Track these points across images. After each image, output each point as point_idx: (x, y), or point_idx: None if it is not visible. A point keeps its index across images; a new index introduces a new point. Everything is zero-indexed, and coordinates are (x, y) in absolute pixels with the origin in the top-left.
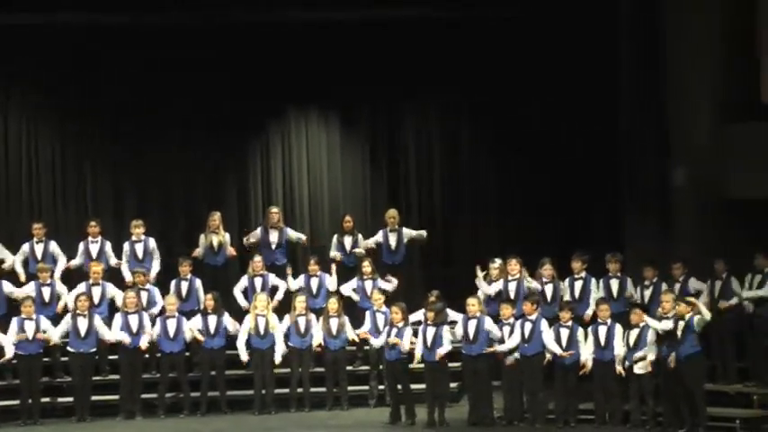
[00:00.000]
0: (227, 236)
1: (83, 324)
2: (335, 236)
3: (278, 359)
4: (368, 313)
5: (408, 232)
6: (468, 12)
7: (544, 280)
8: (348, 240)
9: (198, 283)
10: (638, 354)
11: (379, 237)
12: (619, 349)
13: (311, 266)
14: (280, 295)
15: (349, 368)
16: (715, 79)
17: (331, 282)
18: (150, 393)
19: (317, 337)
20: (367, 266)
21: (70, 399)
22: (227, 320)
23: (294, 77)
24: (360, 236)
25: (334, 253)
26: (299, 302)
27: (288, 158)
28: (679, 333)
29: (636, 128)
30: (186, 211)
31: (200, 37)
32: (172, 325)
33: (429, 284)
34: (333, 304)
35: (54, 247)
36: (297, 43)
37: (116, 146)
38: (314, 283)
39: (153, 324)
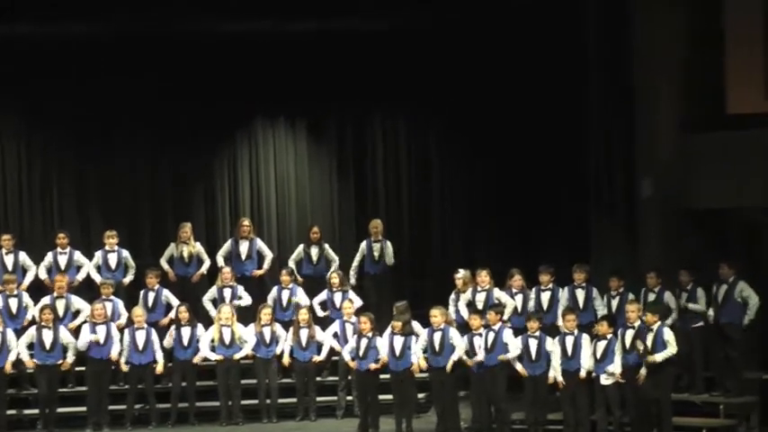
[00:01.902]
0: (198, 245)
1: (48, 336)
2: (301, 246)
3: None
4: (336, 322)
5: (388, 246)
6: (436, 21)
7: (513, 291)
8: (315, 251)
9: (165, 292)
10: (610, 368)
11: (362, 247)
12: (586, 360)
13: (283, 278)
14: (246, 301)
15: (317, 378)
16: (680, 90)
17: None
18: (118, 405)
19: (281, 348)
20: (335, 278)
21: (36, 411)
22: (202, 332)
23: (262, 88)
24: (326, 245)
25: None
26: (265, 314)
27: (255, 169)
28: (648, 342)
29: (602, 138)
30: (153, 221)
31: (167, 46)
32: (141, 337)
33: (398, 295)
34: (303, 315)
35: (24, 257)
36: (264, 53)
37: (82, 156)
38: (285, 295)
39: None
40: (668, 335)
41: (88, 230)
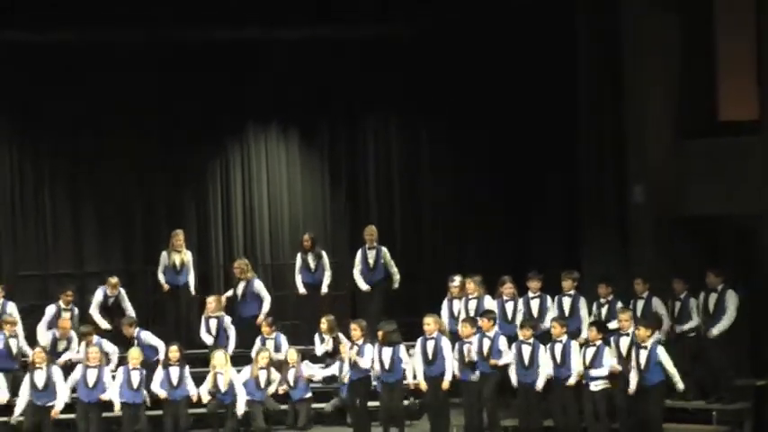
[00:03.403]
0: (189, 254)
1: (40, 378)
2: (299, 254)
3: (240, 411)
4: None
5: (386, 253)
6: (426, 28)
7: (505, 298)
8: (311, 259)
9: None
10: (595, 372)
11: (358, 255)
12: (577, 366)
13: (264, 329)
14: (231, 345)
15: (312, 385)
16: (673, 96)
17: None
18: None
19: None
20: (324, 324)
21: None
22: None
23: (253, 94)
24: (323, 252)
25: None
26: (262, 358)
27: (247, 175)
28: (642, 360)
29: (594, 144)
30: (145, 228)
31: (160, 53)
32: (135, 377)
33: (391, 302)
34: (291, 356)
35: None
36: (256, 60)
37: (74, 162)
38: (270, 345)
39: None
40: (662, 354)
41: (79, 235)
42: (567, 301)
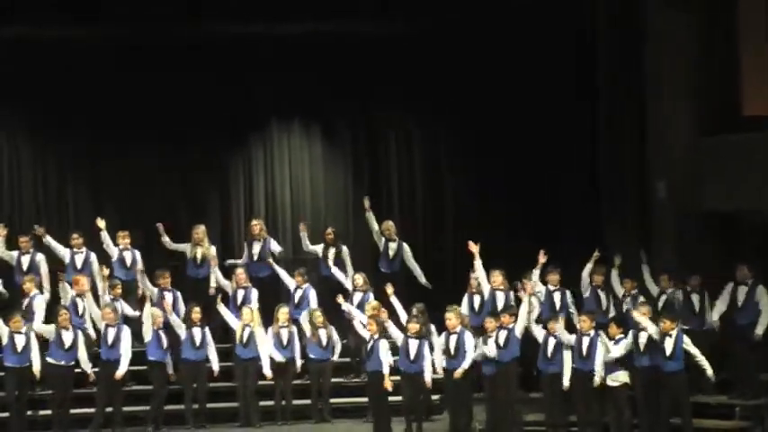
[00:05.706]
0: (213, 248)
1: (68, 337)
2: (321, 247)
3: (268, 373)
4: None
5: (408, 251)
6: (448, 25)
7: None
8: (332, 252)
9: (178, 294)
10: (620, 375)
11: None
12: (599, 365)
13: (297, 278)
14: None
15: (340, 380)
16: (695, 92)
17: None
18: (130, 407)
19: (299, 355)
20: (357, 279)
21: (50, 412)
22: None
23: (276, 90)
24: (344, 247)
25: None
26: (282, 314)
27: (270, 171)
28: (668, 349)
29: (615, 141)
30: (168, 224)
31: (181, 49)
32: (163, 336)
33: (410, 297)
34: (318, 317)
35: (40, 258)
36: (279, 55)
37: (97, 157)
38: (297, 294)
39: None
40: (688, 342)
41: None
42: (601, 295)
